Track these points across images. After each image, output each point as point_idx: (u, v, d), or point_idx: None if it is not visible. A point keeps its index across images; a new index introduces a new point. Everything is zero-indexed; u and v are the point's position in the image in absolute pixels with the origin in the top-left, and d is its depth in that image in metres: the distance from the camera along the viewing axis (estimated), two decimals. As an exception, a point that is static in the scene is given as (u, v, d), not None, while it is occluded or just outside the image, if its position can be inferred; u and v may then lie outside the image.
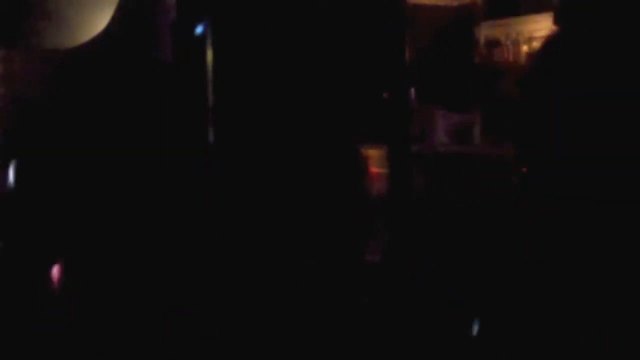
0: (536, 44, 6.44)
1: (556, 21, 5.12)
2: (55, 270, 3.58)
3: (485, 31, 6.75)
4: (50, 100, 3.73)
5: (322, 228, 3.77)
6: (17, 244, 3.63)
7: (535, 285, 3.90)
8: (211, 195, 3.70)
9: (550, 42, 3.86)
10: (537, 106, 3.81)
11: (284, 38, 3.75)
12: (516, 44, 6.55)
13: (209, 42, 3.71)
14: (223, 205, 3.71)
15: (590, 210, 4.04)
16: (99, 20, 3.60)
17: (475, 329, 3.54)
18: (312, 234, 3.75)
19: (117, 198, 3.74)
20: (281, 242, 3.69)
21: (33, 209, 3.69)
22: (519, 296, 3.89)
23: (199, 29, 3.64)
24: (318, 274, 3.70)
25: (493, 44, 6.72)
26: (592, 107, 3.64)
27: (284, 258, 3.67)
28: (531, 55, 6.06)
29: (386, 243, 4.33)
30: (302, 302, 3.64)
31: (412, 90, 4.56)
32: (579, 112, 3.67)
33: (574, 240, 4.02)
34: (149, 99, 3.77)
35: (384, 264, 4.15)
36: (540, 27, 6.34)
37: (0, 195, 3.60)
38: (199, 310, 3.55)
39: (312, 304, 3.65)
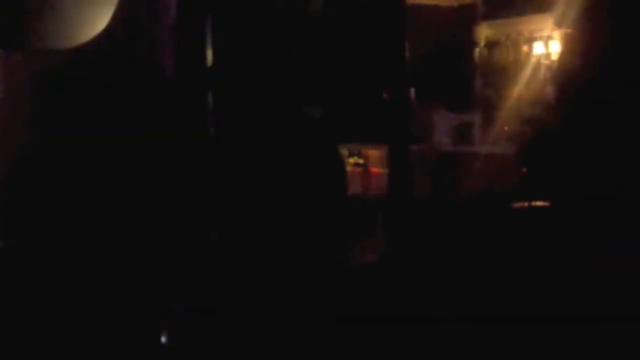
0: (536, 44, 6.45)
1: (556, 23, 5.12)
2: None
3: (485, 31, 6.75)
4: (50, 99, 3.73)
5: (304, 227, 3.77)
6: (17, 244, 3.64)
7: (532, 285, 3.90)
8: (205, 191, 3.70)
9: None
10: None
11: (284, 38, 3.76)
12: (516, 44, 6.55)
13: (209, 42, 3.71)
14: (218, 200, 3.72)
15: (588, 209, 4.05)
16: (99, 20, 3.60)
17: None
18: (294, 234, 3.75)
19: (115, 197, 3.74)
20: (265, 240, 3.70)
21: (31, 208, 3.70)
22: (517, 294, 3.89)
23: None
24: (298, 272, 3.71)
25: (493, 44, 6.72)
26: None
27: (267, 255, 3.68)
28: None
29: (386, 243, 4.33)
30: (283, 300, 3.65)
31: (412, 90, 4.56)
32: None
33: (574, 239, 4.03)
34: (149, 98, 3.78)
35: (383, 264, 4.15)
36: (540, 27, 6.34)
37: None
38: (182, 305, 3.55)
39: (293, 302, 3.66)
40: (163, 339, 3.48)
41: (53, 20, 3.53)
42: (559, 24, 6.01)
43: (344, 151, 4.72)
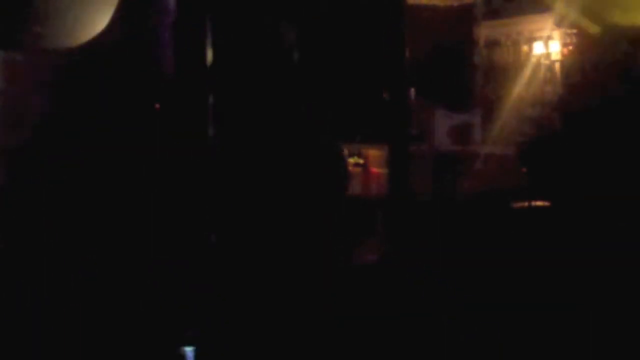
0: (536, 44, 6.44)
1: (556, 23, 5.11)
2: None
3: (485, 31, 6.75)
4: (51, 99, 3.74)
5: (304, 227, 3.78)
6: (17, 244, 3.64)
7: (531, 284, 3.91)
8: (207, 192, 3.71)
9: None
10: None
11: (284, 38, 3.76)
12: (516, 44, 6.55)
13: (209, 42, 3.72)
14: (218, 200, 3.72)
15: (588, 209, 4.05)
16: (98, 21, 3.60)
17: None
18: (297, 234, 3.76)
19: (115, 197, 3.74)
20: (269, 240, 3.70)
21: (31, 209, 3.70)
22: (517, 293, 3.90)
23: None
24: (302, 271, 3.71)
25: (493, 44, 6.72)
26: None
27: (271, 255, 3.68)
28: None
29: (386, 243, 4.33)
30: (287, 299, 3.65)
31: (412, 90, 4.56)
32: None
33: (573, 238, 4.03)
34: (150, 98, 3.78)
35: (383, 263, 4.15)
36: (540, 27, 6.34)
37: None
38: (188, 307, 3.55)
39: (298, 301, 3.66)
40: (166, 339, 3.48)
41: (53, 21, 3.53)
42: (559, 24, 6.01)
43: (344, 151, 4.72)
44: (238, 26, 3.73)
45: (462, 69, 6.78)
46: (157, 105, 3.63)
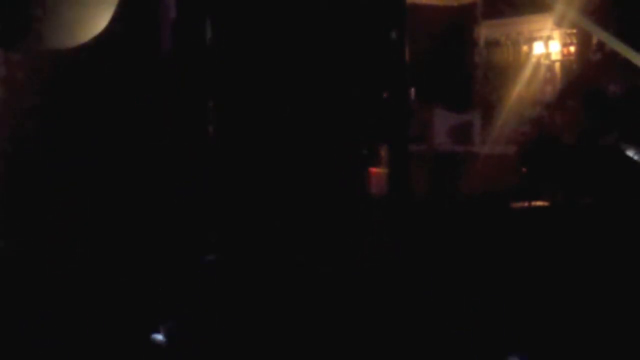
0: (536, 44, 6.45)
1: (556, 23, 5.12)
2: None
3: (485, 31, 6.75)
4: (52, 99, 3.74)
5: (321, 226, 3.78)
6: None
7: (531, 284, 3.92)
8: (209, 189, 3.71)
9: None
10: None
11: (285, 38, 3.76)
12: (516, 44, 6.55)
13: (208, 41, 3.72)
14: (221, 199, 3.72)
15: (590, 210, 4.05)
16: (99, 20, 3.61)
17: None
18: (309, 232, 3.76)
19: (118, 192, 3.75)
20: (280, 238, 3.70)
21: (31, 207, 3.70)
22: (517, 293, 3.91)
23: None
24: (316, 271, 3.71)
25: (493, 44, 6.72)
26: None
27: (282, 254, 3.68)
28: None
29: (386, 243, 4.33)
30: (300, 300, 3.65)
31: (412, 90, 4.56)
32: None
33: (572, 240, 4.04)
34: (151, 96, 3.78)
35: (383, 263, 4.15)
36: (540, 27, 6.34)
37: None
38: (196, 306, 3.56)
39: (311, 301, 3.67)
40: (159, 338, 3.49)
41: (54, 21, 3.54)
42: (559, 24, 6.01)
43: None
44: (238, 27, 3.74)
45: (462, 68, 6.80)
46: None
